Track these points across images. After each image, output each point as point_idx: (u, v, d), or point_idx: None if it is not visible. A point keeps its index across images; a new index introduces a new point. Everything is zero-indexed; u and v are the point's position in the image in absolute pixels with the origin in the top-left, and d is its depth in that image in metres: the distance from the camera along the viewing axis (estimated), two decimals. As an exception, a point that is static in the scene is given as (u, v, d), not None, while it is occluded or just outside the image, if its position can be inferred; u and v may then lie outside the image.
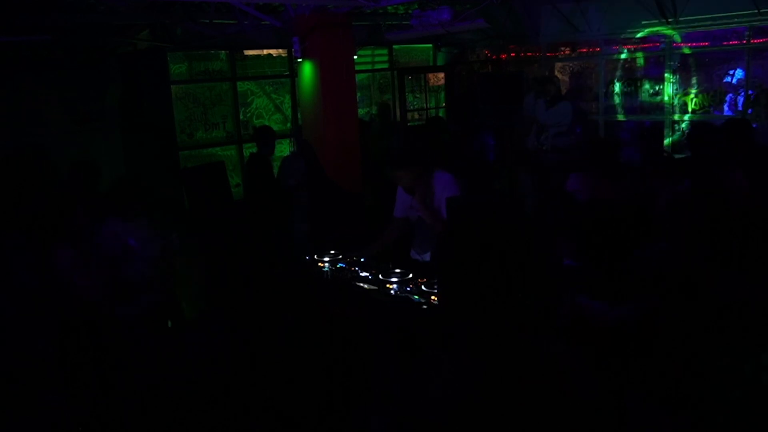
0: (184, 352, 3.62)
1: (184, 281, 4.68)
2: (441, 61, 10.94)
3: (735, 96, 7.48)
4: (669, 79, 7.87)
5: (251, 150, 8.09)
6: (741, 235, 2.38)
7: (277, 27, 6.96)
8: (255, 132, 7.29)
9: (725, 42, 7.44)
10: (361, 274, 3.93)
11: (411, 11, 7.66)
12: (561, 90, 8.08)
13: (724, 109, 7.59)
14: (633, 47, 8.19)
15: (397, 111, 10.27)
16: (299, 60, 6.86)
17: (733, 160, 4.35)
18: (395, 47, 10.55)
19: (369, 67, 10.42)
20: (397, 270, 3.87)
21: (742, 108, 7.35)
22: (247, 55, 9.14)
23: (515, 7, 8.29)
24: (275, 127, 9.11)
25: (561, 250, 3.03)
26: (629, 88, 8.38)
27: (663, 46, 7.86)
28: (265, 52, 9.28)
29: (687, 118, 7.88)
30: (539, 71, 8.96)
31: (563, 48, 8.99)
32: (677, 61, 7.80)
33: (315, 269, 4.12)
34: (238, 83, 9.05)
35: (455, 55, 10.69)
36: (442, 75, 10.92)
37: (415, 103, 10.79)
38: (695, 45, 7.71)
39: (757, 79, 7.19)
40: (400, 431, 1.57)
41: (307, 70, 6.85)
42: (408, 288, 3.61)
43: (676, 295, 2.44)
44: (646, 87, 8.22)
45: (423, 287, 3.58)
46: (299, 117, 8.30)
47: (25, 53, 7.46)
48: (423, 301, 3.42)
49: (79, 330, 3.14)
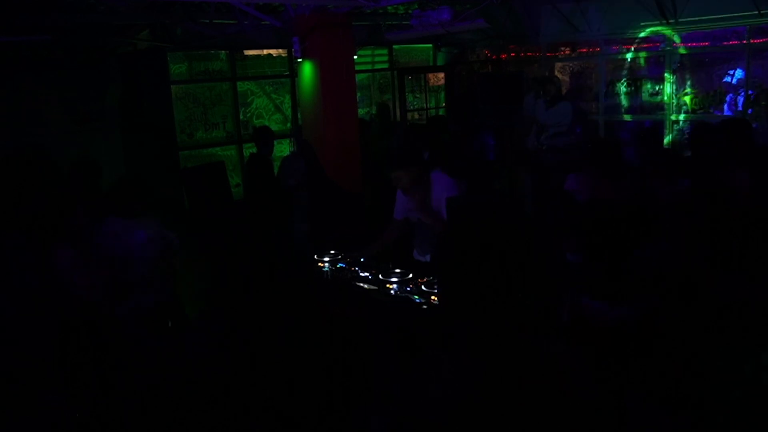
0: (184, 352, 3.62)
1: (184, 281, 4.69)
2: (441, 61, 10.94)
3: (735, 96, 7.48)
4: (669, 79, 7.87)
5: (251, 150, 8.10)
6: (741, 236, 2.38)
7: (277, 27, 6.96)
8: (254, 132, 7.30)
9: (725, 42, 7.44)
10: (361, 274, 3.93)
11: (411, 11, 7.66)
12: (561, 90, 8.08)
13: (724, 109, 7.60)
14: (633, 47, 8.19)
15: (397, 111, 10.27)
16: (299, 60, 6.86)
17: (733, 159, 4.35)
18: (395, 47, 10.54)
19: (369, 67, 10.42)
20: (397, 270, 3.86)
21: (742, 108, 7.35)
22: (247, 55, 9.14)
23: (515, 7, 8.29)
24: (275, 127, 9.12)
25: (563, 246, 3.04)
26: (629, 88, 8.38)
27: (663, 46, 7.86)
28: (265, 52, 9.28)
29: (686, 117, 7.88)
30: (539, 71, 8.96)
31: (563, 48, 8.98)
32: (677, 61, 7.80)
33: (315, 269, 4.12)
34: (238, 83, 9.05)
35: (455, 55, 10.69)
36: (442, 75, 10.92)
37: (415, 103, 10.79)
38: (695, 45, 7.71)
39: (757, 79, 7.19)
40: (400, 431, 1.57)
41: (307, 70, 6.85)
42: (408, 288, 3.60)
43: (676, 295, 2.44)
44: (646, 87, 8.22)
45: (423, 287, 3.58)
46: (299, 117, 8.30)
47: (25, 53, 7.46)
48: (423, 301, 3.42)
49: (79, 330, 3.14)
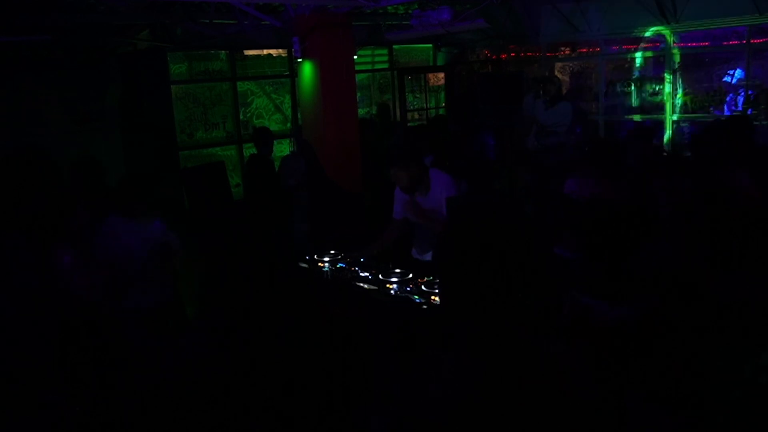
0: (184, 351, 3.62)
1: (184, 281, 4.68)
2: (441, 61, 10.94)
3: (735, 96, 7.48)
4: (669, 79, 7.87)
5: (251, 150, 8.09)
6: (741, 235, 2.38)
7: (277, 27, 6.96)
8: (253, 133, 7.31)
9: (725, 42, 7.44)
10: (361, 274, 3.93)
11: (411, 11, 7.66)
12: (561, 90, 8.08)
13: (724, 109, 7.60)
14: (633, 47, 8.19)
15: (397, 111, 10.27)
16: (299, 60, 6.86)
17: (734, 159, 4.34)
18: (395, 47, 10.54)
19: (369, 67, 10.42)
20: (397, 270, 3.86)
21: (741, 108, 7.35)
22: (247, 55, 9.14)
23: (515, 7, 8.29)
24: (275, 127, 9.13)
25: (563, 244, 3.04)
26: (629, 88, 8.38)
27: (663, 46, 7.86)
28: (265, 52, 9.28)
29: (685, 117, 7.88)
30: (539, 71, 8.96)
31: (563, 48, 8.98)
32: (677, 61, 7.80)
33: (315, 269, 4.12)
34: (238, 83, 9.05)
35: (455, 55, 10.69)
36: (442, 75, 10.92)
37: (415, 103, 10.79)
38: (695, 45, 7.71)
39: (757, 79, 7.19)
40: (400, 431, 1.56)
41: (307, 70, 6.85)
42: (408, 288, 3.60)
43: (676, 295, 2.44)
44: (646, 87, 8.23)
45: (423, 287, 3.58)
46: (299, 117, 8.30)
47: (25, 53, 7.46)
48: (423, 301, 3.42)
49: (79, 330, 3.14)
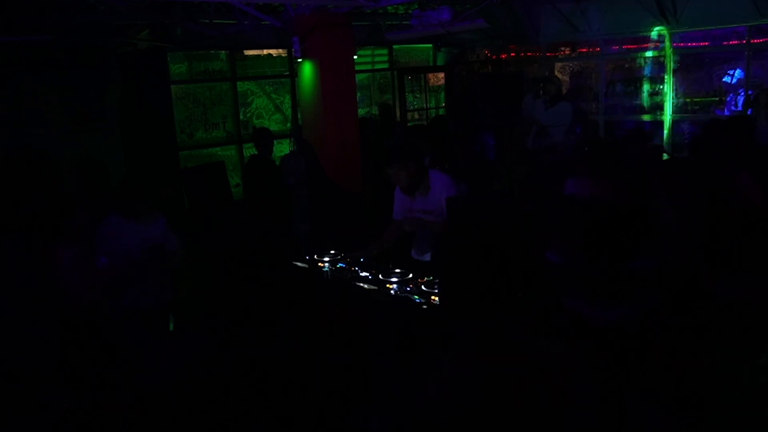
0: (184, 352, 3.62)
1: (184, 281, 4.69)
2: (441, 61, 10.94)
3: (735, 96, 7.48)
4: (669, 79, 7.87)
5: (251, 150, 8.09)
6: (741, 235, 2.38)
7: (277, 27, 6.96)
8: (253, 134, 7.31)
9: (725, 42, 7.44)
10: (361, 274, 3.93)
11: (411, 11, 7.66)
12: (561, 90, 8.08)
13: (724, 109, 7.60)
14: (633, 47, 8.18)
15: (397, 111, 10.27)
16: (299, 60, 6.86)
17: (734, 159, 4.34)
18: (395, 47, 10.54)
19: (369, 67, 10.42)
20: (397, 270, 3.86)
21: (741, 108, 7.35)
22: (247, 55, 9.14)
23: (515, 7, 8.28)
24: (275, 127, 9.12)
25: (554, 248, 3.02)
26: (629, 88, 8.38)
27: (663, 46, 7.86)
28: (265, 52, 9.27)
29: (685, 117, 7.88)
30: (539, 71, 8.96)
31: (563, 48, 8.98)
32: (677, 61, 7.80)
33: (315, 269, 4.12)
34: (238, 83, 9.04)
35: (455, 55, 10.69)
36: (442, 75, 10.91)
37: (415, 103, 10.79)
38: (695, 45, 7.71)
39: (757, 79, 7.20)
40: (400, 431, 1.57)
41: (307, 70, 6.85)
42: (408, 288, 3.60)
43: (676, 295, 2.44)
44: (646, 87, 8.23)
45: (423, 287, 3.58)
46: (299, 117, 8.30)
47: (25, 53, 7.45)
48: (423, 301, 3.42)
49: (79, 330, 3.14)
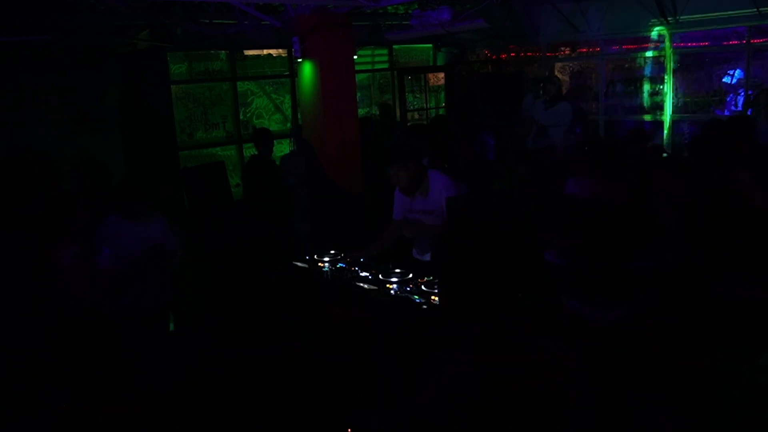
0: (184, 352, 3.62)
1: (184, 281, 4.69)
2: (441, 61, 10.94)
3: (735, 96, 7.48)
4: (669, 79, 7.87)
5: (251, 150, 8.09)
6: (741, 235, 2.38)
7: (277, 27, 6.96)
8: (253, 134, 7.31)
9: (725, 42, 7.44)
10: (361, 274, 3.93)
11: (411, 11, 7.66)
12: (561, 90, 8.08)
13: (724, 109, 7.60)
14: (633, 47, 8.18)
15: (397, 111, 10.28)
16: (299, 60, 6.86)
17: (734, 159, 4.34)
18: (395, 47, 10.54)
19: (369, 67, 10.42)
20: (397, 270, 3.86)
21: (741, 108, 7.35)
22: (247, 55, 9.14)
23: (515, 7, 8.29)
24: (275, 127, 9.13)
25: (553, 250, 3.02)
26: (629, 88, 8.38)
27: (663, 46, 7.86)
28: (265, 52, 9.27)
29: (685, 117, 7.88)
30: (539, 71, 8.96)
31: (563, 48, 8.98)
32: (677, 61, 7.80)
33: (315, 269, 4.12)
34: (238, 83, 9.05)
35: (455, 55, 10.69)
36: (442, 75, 10.92)
37: (415, 103, 10.79)
38: (695, 45, 7.71)
39: (757, 79, 7.20)
40: (400, 431, 1.57)
41: (307, 70, 6.85)
42: (408, 288, 3.60)
43: (676, 295, 2.44)
44: (646, 87, 8.23)
45: (423, 287, 3.58)
46: (299, 117, 8.31)
47: (25, 53, 7.45)
48: (423, 301, 3.42)
49: (79, 330, 3.14)
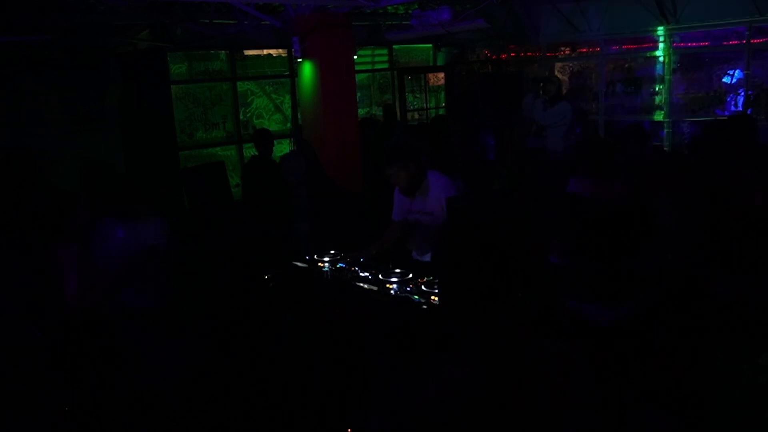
0: (184, 352, 3.62)
1: (184, 281, 4.68)
2: (441, 61, 10.94)
3: (735, 96, 7.48)
4: (669, 79, 7.87)
5: (251, 150, 8.09)
6: (742, 235, 2.38)
7: (277, 27, 6.96)
8: (254, 135, 7.31)
9: (725, 42, 7.44)
10: (361, 274, 3.92)
11: (411, 11, 7.66)
12: (561, 90, 8.08)
13: (725, 109, 7.60)
14: (633, 47, 8.18)
15: (398, 111, 10.28)
16: (299, 60, 6.86)
17: (734, 159, 4.34)
18: (395, 47, 10.54)
19: (369, 67, 10.42)
20: (397, 270, 3.86)
21: (741, 108, 7.35)
22: (247, 55, 9.14)
23: (515, 7, 8.29)
24: (275, 127, 9.13)
25: (553, 249, 3.02)
26: (629, 88, 8.38)
27: (663, 46, 7.86)
28: (265, 52, 9.28)
29: (685, 118, 7.88)
30: (539, 71, 8.96)
31: (563, 48, 8.98)
32: (677, 61, 7.80)
33: (315, 269, 4.12)
34: (238, 83, 9.05)
35: (455, 55, 10.69)
36: (442, 75, 10.92)
37: (415, 103, 10.79)
38: (695, 45, 7.70)
39: (757, 79, 7.19)
40: (400, 431, 1.57)
41: (307, 70, 6.85)
42: (408, 288, 3.60)
43: (676, 295, 2.44)
44: (646, 87, 8.23)
45: (423, 287, 3.58)
46: (299, 117, 8.31)
47: (25, 53, 7.45)
48: (423, 301, 3.42)
49: (79, 330, 3.14)
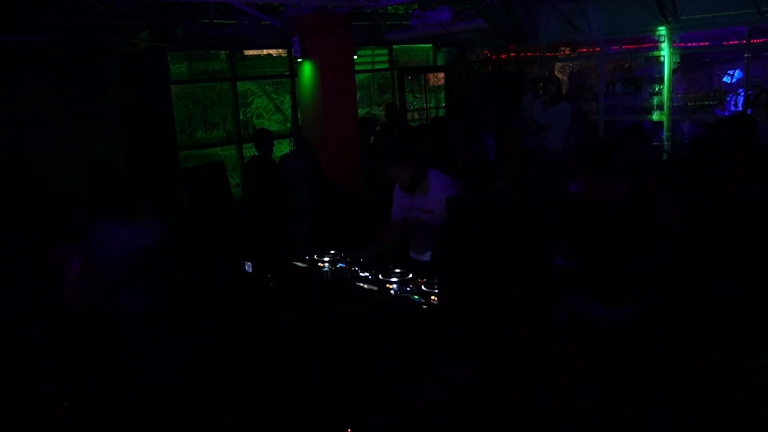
0: (184, 352, 3.62)
1: (184, 281, 4.68)
2: (441, 61, 10.94)
3: (735, 96, 7.48)
4: (669, 79, 7.87)
5: (251, 150, 8.09)
6: (741, 235, 2.38)
7: (277, 27, 6.96)
8: (254, 135, 7.31)
9: (725, 42, 7.44)
10: (361, 274, 3.92)
11: (411, 11, 7.66)
12: (561, 90, 8.09)
13: (725, 109, 7.60)
14: (633, 47, 8.18)
15: (398, 111, 10.30)
16: (299, 60, 6.86)
17: (734, 158, 4.34)
18: (395, 47, 10.55)
19: (369, 67, 10.42)
20: (397, 270, 3.86)
21: (742, 108, 7.35)
22: (247, 55, 9.15)
23: (515, 7, 8.29)
24: (275, 127, 9.13)
25: (556, 250, 3.02)
26: (629, 88, 8.38)
27: (663, 46, 7.86)
28: (265, 52, 9.28)
29: (685, 117, 7.88)
30: (539, 71, 8.96)
31: (563, 48, 8.98)
32: (677, 61, 7.80)
33: (315, 269, 4.12)
34: (238, 83, 9.05)
35: (455, 55, 10.69)
36: (442, 75, 10.92)
37: (415, 103, 10.80)
38: (695, 45, 7.71)
39: (757, 79, 7.19)
40: (400, 431, 1.57)
41: (307, 70, 6.85)
42: (408, 288, 3.60)
43: (676, 295, 2.44)
44: (646, 87, 8.23)
45: (423, 287, 3.57)
46: (299, 117, 8.31)
47: (25, 53, 7.46)
48: (423, 301, 3.42)
49: (79, 330, 3.15)
